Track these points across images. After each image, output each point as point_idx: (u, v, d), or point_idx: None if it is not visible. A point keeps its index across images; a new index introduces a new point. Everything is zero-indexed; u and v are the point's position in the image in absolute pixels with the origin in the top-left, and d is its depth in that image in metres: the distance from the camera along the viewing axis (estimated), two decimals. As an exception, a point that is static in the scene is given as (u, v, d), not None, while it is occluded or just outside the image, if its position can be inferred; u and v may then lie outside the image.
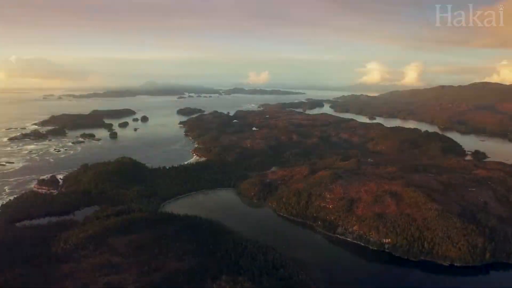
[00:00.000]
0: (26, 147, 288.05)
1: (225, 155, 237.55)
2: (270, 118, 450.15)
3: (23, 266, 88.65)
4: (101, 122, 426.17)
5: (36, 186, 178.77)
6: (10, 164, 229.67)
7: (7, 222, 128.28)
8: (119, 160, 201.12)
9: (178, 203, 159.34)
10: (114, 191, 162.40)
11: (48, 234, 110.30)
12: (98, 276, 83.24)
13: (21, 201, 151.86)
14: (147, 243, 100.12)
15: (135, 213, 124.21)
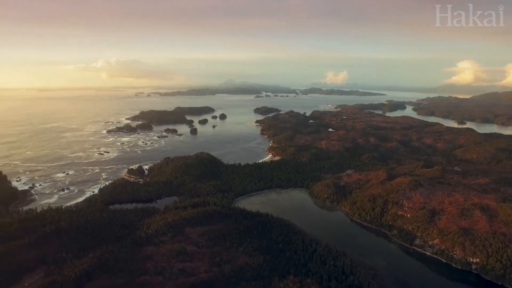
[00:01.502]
0: (120, 139, 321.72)
1: (299, 155, 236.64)
2: (347, 120, 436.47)
3: (114, 243, 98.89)
4: (183, 118, 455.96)
5: (126, 174, 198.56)
6: (107, 154, 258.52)
7: (102, 204, 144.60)
8: (198, 155, 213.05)
9: (251, 199, 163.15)
10: (192, 184, 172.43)
11: (134, 218, 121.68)
12: (174, 261, 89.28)
13: (114, 187, 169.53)
14: (220, 236, 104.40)
15: (210, 206, 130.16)
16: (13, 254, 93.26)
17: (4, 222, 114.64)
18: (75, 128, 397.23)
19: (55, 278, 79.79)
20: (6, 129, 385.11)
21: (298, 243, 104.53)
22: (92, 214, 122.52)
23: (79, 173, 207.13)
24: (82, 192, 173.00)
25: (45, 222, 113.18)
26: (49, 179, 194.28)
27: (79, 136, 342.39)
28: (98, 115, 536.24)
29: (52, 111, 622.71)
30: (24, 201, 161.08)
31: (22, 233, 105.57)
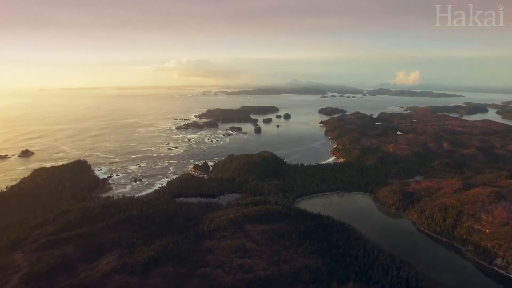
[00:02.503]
0: (187, 136, 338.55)
1: (364, 158, 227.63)
2: (418, 123, 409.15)
3: (179, 234, 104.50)
4: (248, 117, 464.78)
5: (192, 169, 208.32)
6: (175, 149, 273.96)
7: (169, 197, 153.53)
8: (261, 154, 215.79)
9: (312, 201, 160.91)
10: (254, 182, 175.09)
11: (198, 212, 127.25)
12: (233, 257, 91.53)
13: (180, 181, 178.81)
14: (279, 235, 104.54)
15: (271, 205, 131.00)
16: (95, 234, 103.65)
17: (89, 206, 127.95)
18: (148, 124, 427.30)
19: (126, 261, 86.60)
20: (94, 123, 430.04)
21: (359, 249, 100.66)
22: (160, 205, 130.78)
23: (150, 166, 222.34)
24: (152, 184, 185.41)
25: (120, 209, 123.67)
26: (124, 170, 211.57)
27: (151, 131, 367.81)
28: (168, 112, 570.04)
29: (130, 107, 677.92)
30: (104, 188, 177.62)
31: (102, 217, 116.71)
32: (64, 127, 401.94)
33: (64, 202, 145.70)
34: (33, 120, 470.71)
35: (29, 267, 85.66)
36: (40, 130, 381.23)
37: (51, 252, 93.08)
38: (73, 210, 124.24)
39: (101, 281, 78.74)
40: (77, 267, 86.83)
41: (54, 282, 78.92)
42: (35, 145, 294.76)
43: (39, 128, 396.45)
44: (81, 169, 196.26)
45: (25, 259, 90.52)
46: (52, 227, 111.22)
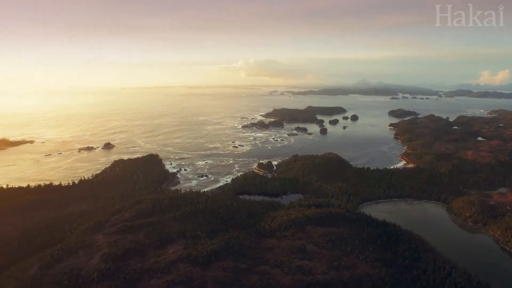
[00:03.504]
0: (253, 134, 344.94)
1: (437, 164, 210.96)
2: (505, 128, 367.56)
3: (240, 230, 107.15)
4: (314, 117, 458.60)
5: (257, 168, 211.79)
6: (241, 147, 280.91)
7: (233, 193, 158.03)
8: (326, 155, 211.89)
9: (378, 207, 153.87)
10: (318, 184, 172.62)
11: (260, 210, 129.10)
12: (293, 257, 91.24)
13: (244, 178, 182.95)
14: (341, 240, 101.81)
15: (334, 208, 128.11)
16: (164, 224, 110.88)
17: (159, 197, 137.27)
18: (216, 122, 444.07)
19: (190, 252, 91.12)
20: (167, 120, 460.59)
21: (428, 262, 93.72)
22: (224, 201, 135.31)
23: (216, 162, 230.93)
24: (217, 180, 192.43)
25: (187, 203, 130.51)
26: (192, 166, 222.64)
27: (218, 129, 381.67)
28: (235, 111, 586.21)
29: (199, 106, 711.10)
30: (172, 182, 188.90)
31: (170, 209, 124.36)
32: (140, 123, 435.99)
33: (137, 192, 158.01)
34: (115, 116, 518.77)
35: (108, 247, 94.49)
36: (121, 125, 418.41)
37: (126, 237, 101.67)
38: (146, 200, 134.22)
39: (167, 268, 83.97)
40: (147, 252, 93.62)
41: (127, 264, 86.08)
42: (116, 139, 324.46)
43: (120, 123, 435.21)
44: (154, 162, 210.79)
45: (105, 240, 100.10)
46: (128, 214, 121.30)
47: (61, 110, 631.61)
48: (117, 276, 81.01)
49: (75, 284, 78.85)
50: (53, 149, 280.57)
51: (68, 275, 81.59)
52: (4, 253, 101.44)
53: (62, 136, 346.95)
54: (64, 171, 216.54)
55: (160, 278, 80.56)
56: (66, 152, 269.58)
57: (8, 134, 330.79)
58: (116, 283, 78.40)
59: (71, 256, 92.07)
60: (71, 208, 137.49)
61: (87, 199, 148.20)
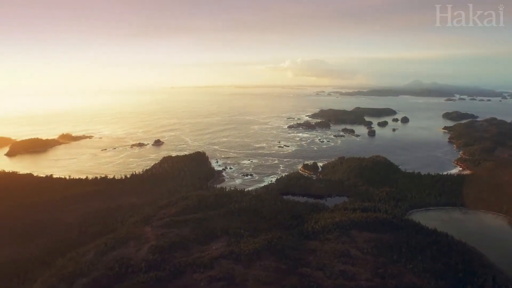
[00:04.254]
0: (298, 135, 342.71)
1: (499, 172, 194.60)
2: None
3: (283, 231, 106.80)
4: (362, 119, 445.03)
5: (301, 168, 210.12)
6: (286, 147, 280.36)
7: (277, 193, 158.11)
8: (374, 158, 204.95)
9: (428, 215, 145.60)
10: (364, 187, 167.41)
11: (303, 211, 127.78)
12: (336, 261, 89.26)
13: (289, 179, 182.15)
14: (387, 247, 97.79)
15: (380, 213, 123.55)
16: (208, 221, 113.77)
17: (204, 194, 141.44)
18: (262, 121, 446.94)
19: (233, 249, 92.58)
20: (214, 119, 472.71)
21: (486, 279, 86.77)
22: (268, 201, 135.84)
23: (261, 162, 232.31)
24: (262, 180, 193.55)
25: (231, 200, 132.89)
26: (237, 165, 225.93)
27: (264, 129, 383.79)
28: (282, 110, 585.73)
29: (246, 105, 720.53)
30: (218, 179, 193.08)
31: (215, 206, 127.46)
32: (189, 122, 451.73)
33: (184, 188, 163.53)
34: (165, 114, 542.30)
35: (156, 240, 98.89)
36: (170, 123, 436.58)
37: (172, 231, 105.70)
38: (192, 196, 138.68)
39: (210, 264, 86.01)
40: (191, 247, 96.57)
41: (172, 257, 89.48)
42: (165, 136, 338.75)
43: (169, 122, 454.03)
44: (200, 160, 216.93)
45: (153, 233, 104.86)
46: (174, 209, 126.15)
47: (117, 108, 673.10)
48: (163, 267, 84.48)
49: (125, 272, 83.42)
50: (109, 144, 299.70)
51: (119, 263, 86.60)
52: (67, 237, 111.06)
53: (117, 132, 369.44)
54: (118, 165, 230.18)
55: (203, 273, 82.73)
56: (120, 147, 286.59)
57: (71, 130, 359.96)
58: (161, 274, 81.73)
59: (122, 246, 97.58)
60: (122, 200, 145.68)
61: (137, 193, 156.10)
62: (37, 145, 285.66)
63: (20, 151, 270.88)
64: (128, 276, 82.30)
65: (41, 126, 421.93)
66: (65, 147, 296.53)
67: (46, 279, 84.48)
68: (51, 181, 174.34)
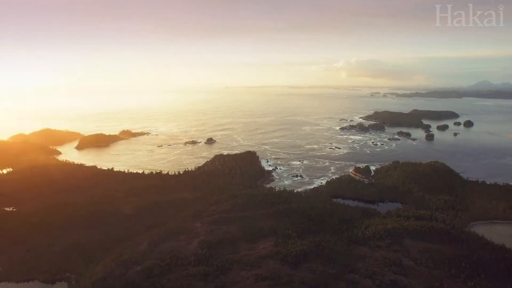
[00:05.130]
0: (351, 137, 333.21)
1: None
2: None
3: (332, 234, 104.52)
4: (419, 122, 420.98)
5: (353, 172, 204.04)
6: (337, 149, 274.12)
7: (327, 196, 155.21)
8: (431, 164, 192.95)
9: (494, 228, 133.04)
10: (420, 194, 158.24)
11: (353, 216, 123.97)
12: (386, 270, 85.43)
13: (339, 182, 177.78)
14: (444, 259, 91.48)
15: (438, 223, 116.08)
16: (256, 220, 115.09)
17: (253, 193, 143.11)
18: (313, 122, 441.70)
19: (280, 250, 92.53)
20: (265, 119, 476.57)
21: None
22: (317, 203, 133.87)
23: (312, 163, 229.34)
24: (312, 181, 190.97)
25: (280, 200, 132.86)
26: (287, 165, 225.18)
27: (315, 130, 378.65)
28: (334, 112, 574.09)
29: (297, 106, 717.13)
30: (267, 179, 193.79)
31: (263, 205, 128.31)
32: (241, 121, 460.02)
33: (234, 186, 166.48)
34: (218, 113, 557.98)
35: (205, 235, 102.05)
36: (223, 122, 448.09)
37: (221, 227, 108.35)
38: (241, 194, 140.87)
39: (257, 262, 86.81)
40: (239, 244, 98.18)
41: (220, 253, 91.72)
42: (218, 134, 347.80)
43: (222, 121, 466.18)
44: (251, 159, 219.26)
45: (202, 228, 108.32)
46: (224, 206, 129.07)
47: (173, 106, 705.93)
48: (211, 262, 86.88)
49: (175, 264, 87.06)
50: (164, 141, 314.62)
51: (170, 255, 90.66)
52: (124, 227, 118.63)
53: (172, 130, 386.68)
54: (171, 161, 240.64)
55: (249, 270, 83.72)
56: (174, 144, 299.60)
57: (131, 127, 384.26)
58: (209, 269, 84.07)
59: (173, 239, 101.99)
60: (175, 195, 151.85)
61: (189, 189, 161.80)
62: (101, 140, 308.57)
63: (87, 145, 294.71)
64: (177, 268, 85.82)
65: (106, 122, 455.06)
66: (125, 142, 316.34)
67: (106, 264, 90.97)
68: (112, 174, 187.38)
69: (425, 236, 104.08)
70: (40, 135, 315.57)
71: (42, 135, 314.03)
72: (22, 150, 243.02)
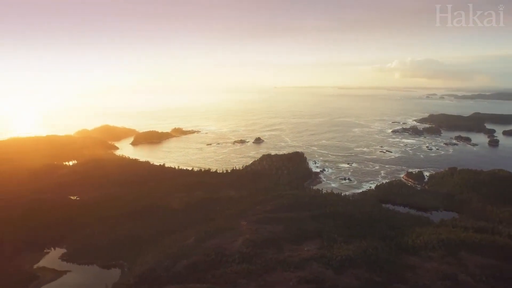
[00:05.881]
0: (403, 140, 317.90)
1: None
2: None
3: (379, 241, 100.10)
4: (482, 126, 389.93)
5: (405, 177, 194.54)
6: (388, 153, 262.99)
7: (376, 200, 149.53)
8: (495, 172, 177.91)
9: None
10: (480, 205, 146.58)
11: (404, 223, 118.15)
12: (439, 284, 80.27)
13: (390, 186, 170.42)
14: (508, 279, 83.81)
15: (501, 237, 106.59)
16: (301, 221, 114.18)
17: (300, 194, 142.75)
18: (363, 124, 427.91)
19: (325, 253, 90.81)
20: (314, 120, 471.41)
21: None
22: (365, 207, 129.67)
23: (361, 166, 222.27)
24: (360, 185, 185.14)
25: (326, 203, 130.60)
26: (335, 167, 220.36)
27: (365, 132, 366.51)
28: (386, 114, 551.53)
29: (347, 107, 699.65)
30: (314, 181, 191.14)
31: (309, 207, 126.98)
32: (289, 121, 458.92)
33: (280, 186, 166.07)
34: (267, 113, 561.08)
35: (250, 234, 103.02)
36: (271, 122, 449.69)
37: (266, 227, 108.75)
38: (287, 195, 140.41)
39: (301, 264, 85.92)
40: (283, 245, 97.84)
41: (264, 252, 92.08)
42: (266, 134, 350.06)
43: (270, 121, 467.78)
44: (298, 160, 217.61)
45: (247, 227, 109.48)
46: (270, 206, 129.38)
47: (223, 106, 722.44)
48: (255, 261, 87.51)
49: (220, 260, 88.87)
50: (213, 140, 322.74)
51: (215, 251, 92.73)
52: (173, 221, 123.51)
53: (222, 129, 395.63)
54: (220, 159, 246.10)
55: (293, 272, 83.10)
56: (223, 143, 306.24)
57: (182, 125, 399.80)
58: (253, 267, 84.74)
59: (219, 236, 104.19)
60: (222, 193, 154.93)
61: (236, 187, 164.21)
62: (154, 137, 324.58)
63: (141, 141, 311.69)
64: (222, 264, 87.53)
65: (159, 120, 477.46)
66: (176, 140, 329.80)
67: (155, 255, 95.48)
68: (163, 170, 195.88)
69: (485, 251, 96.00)
70: (100, 131, 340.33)
71: (102, 131, 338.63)
72: (85, 144, 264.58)
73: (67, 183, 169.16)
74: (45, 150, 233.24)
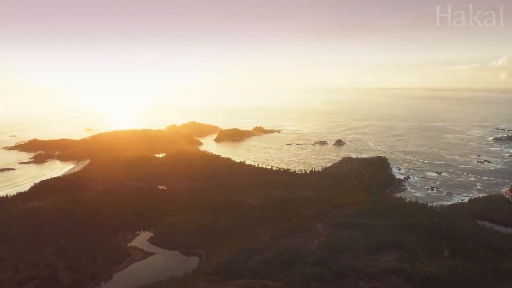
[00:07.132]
0: (508, 150, 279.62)
1: None
2: None
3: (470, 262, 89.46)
4: None
5: (508, 191, 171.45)
6: (487, 163, 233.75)
7: (470, 216, 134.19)
8: None
9: None
10: None
11: (504, 245, 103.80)
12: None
13: (487, 201, 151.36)
14: None
15: None
16: (380, 229, 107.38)
17: (381, 201, 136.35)
18: (457, 130, 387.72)
19: (405, 266, 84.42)
20: (399, 123, 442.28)
21: None
22: (455, 222, 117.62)
23: (452, 176, 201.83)
24: (450, 197, 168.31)
25: (409, 213, 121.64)
26: (422, 175, 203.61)
27: (459, 139, 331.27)
28: (486, 119, 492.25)
29: (438, 110, 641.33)
30: (398, 188, 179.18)
31: (390, 215, 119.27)
32: (372, 124, 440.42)
33: (360, 191, 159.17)
34: (348, 115, 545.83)
35: (325, 237, 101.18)
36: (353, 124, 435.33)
37: (342, 232, 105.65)
38: (368, 200, 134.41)
39: (377, 275, 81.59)
40: (359, 253, 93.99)
41: (340, 258, 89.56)
42: (347, 137, 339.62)
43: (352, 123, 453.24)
44: (381, 165, 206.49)
45: (324, 230, 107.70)
46: (348, 210, 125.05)
47: (304, 106, 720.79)
48: (329, 266, 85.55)
49: (294, 260, 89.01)
50: (293, 140, 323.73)
51: (289, 250, 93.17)
52: (249, 217, 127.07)
53: (302, 129, 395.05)
54: (299, 160, 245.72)
55: (368, 282, 79.44)
56: (303, 144, 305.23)
57: (264, 124, 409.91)
58: (326, 272, 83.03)
59: (294, 236, 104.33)
60: (299, 193, 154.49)
61: (314, 189, 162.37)
62: (236, 135, 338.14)
63: (224, 138, 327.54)
64: (295, 264, 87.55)
65: (241, 118, 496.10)
66: (257, 138, 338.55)
67: (231, 248, 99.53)
68: (243, 167, 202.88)
69: None
70: (187, 127, 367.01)
71: (189, 127, 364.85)
72: (173, 139, 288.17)
73: (156, 173, 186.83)
74: (140, 142, 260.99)
